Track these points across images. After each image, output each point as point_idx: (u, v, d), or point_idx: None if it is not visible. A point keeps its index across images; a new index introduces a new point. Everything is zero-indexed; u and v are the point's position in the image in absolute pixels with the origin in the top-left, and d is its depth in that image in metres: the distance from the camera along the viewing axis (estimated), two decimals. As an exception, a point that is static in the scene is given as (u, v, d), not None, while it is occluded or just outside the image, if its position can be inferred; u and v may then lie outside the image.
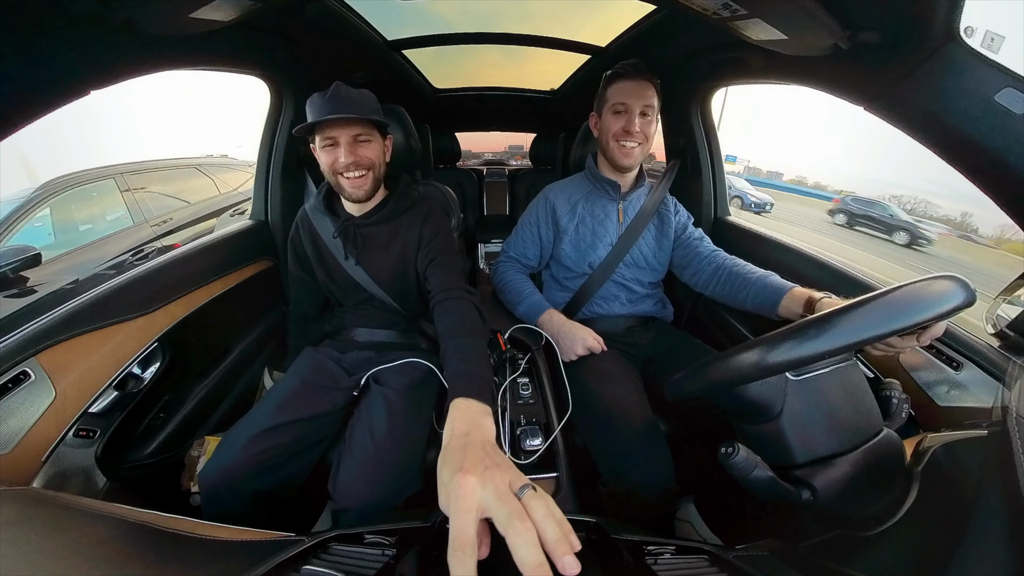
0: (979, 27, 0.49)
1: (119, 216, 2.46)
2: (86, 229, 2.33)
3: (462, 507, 0.35)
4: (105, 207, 2.43)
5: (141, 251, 2.48)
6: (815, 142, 79.21)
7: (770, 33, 0.69)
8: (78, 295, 0.79)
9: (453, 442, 0.44)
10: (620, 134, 0.97)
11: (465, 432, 0.46)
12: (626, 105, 0.95)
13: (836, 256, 1.02)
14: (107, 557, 0.39)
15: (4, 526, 0.40)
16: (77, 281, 2.09)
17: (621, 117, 0.96)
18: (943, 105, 0.55)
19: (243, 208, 3.47)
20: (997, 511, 0.37)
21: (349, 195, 0.88)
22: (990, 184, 0.56)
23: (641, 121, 0.95)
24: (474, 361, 0.63)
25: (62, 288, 2.03)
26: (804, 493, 0.45)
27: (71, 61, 0.58)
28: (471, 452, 0.42)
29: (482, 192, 2.46)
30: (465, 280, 0.88)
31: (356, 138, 0.82)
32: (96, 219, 2.39)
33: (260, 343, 1.24)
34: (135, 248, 2.46)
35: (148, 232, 2.57)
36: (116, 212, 2.46)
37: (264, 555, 0.40)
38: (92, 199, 2.39)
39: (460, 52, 1.65)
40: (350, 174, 0.84)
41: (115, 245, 2.37)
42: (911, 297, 0.40)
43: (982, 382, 0.61)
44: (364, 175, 0.85)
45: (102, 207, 2.42)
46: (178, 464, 0.90)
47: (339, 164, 0.82)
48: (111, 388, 0.80)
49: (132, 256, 2.40)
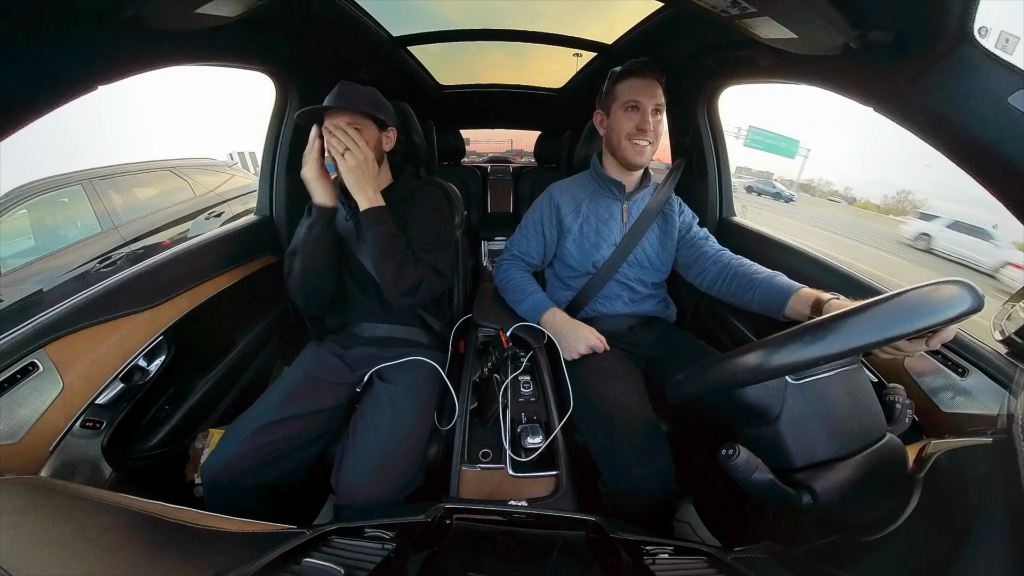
0: (994, 27, 0.48)
1: (88, 222, 2.42)
2: (53, 237, 2.29)
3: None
4: (74, 214, 2.38)
5: (108, 258, 2.40)
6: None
7: (779, 32, 0.68)
8: (78, 291, 0.80)
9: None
10: (633, 132, 0.95)
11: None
12: (639, 103, 0.94)
13: (841, 259, 1.01)
14: (112, 545, 0.40)
15: (13, 514, 0.41)
16: (41, 291, 2.03)
17: (634, 115, 0.95)
18: (955, 107, 0.54)
19: (218, 211, 3.33)
20: (1000, 520, 0.36)
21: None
22: (1001, 188, 0.55)
23: (653, 120, 0.95)
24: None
25: (25, 297, 1.96)
26: (804, 497, 0.44)
27: (78, 56, 0.59)
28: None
29: (486, 189, 2.46)
30: (443, 260, 0.97)
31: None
32: (62, 226, 2.36)
33: (264, 338, 1.25)
34: (102, 255, 2.38)
35: (115, 238, 2.51)
36: (85, 219, 2.41)
37: (266, 547, 0.40)
38: (61, 205, 2.36)
39: (465, 49, 1.65)
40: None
41: (82, 251, 2.33)
42: (918, 301, 0.40)
43: (988, 389, 0.61)
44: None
45: (71, 214, 2.38)
46: (183, 455, 0.91)
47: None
48: (117, 380, 0.81)
49: (99, 264, 2.33)
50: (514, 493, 0.72)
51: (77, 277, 2.22)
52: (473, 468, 0.73)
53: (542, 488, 0.72)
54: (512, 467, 0.72)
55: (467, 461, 0.74)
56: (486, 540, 0.48)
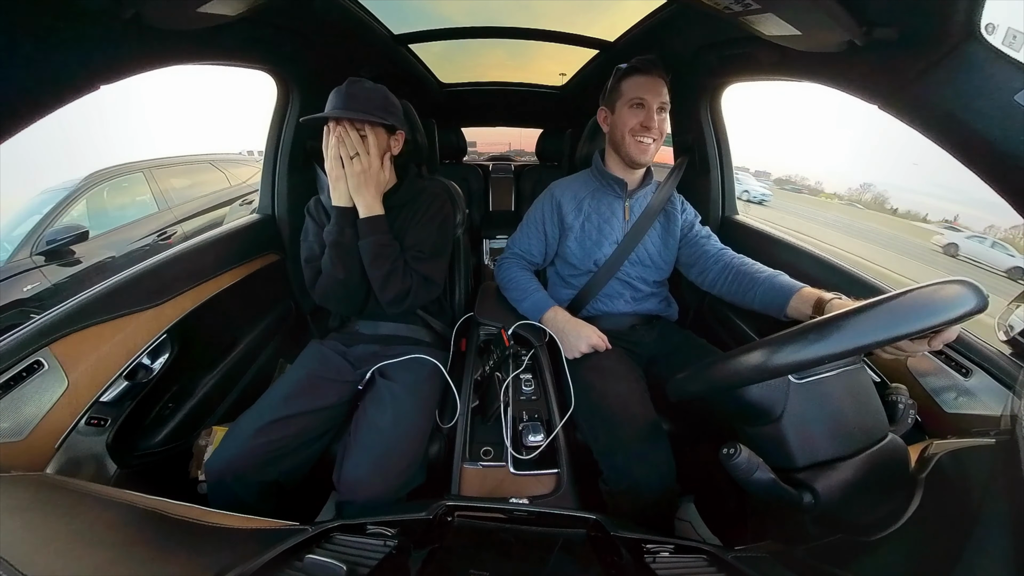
0: (1000, 24, 0.47)
1: (146, 202, 2.94)
2: (118, 214, 2.79)
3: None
4: (135, 195, 2.92)
5: (164, 232, 2.89)
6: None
7: (783, 28, 0.68)
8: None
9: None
10: (638, 129, 0.95)
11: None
12: (644, 100, 0.94)
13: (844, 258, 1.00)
14: (117, 541, 0.40)
15: (19, 510, 0.41)
16: (113, 257, 2.52)
17: (639, 112, 0.95)
18: (961, 105, 0.54)
19: (250, 198, 3.73)
20: (1002, 522, 0.36)
21: None
22: (1007, 187, 0.55)
23: (658, 117, 0.95)
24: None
25: (102, 261, 2.45)
26: (805, 496, 0.44)
27: (80, 56, 0.59)
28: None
29: (487, 188, 2.45)
30: (437, 269, 0.98)
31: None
32: (127, 206, 2.88)
33: (267, 336, 1.26)
34: (159, 231, 2.86)
35: (169, 217, 2.98)
36: (144, 199, 2.93)
37: (269, 543, 0.41)
38: (124, 189, 2.89)
39: (467, 48, 1.64)
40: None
41: (143, 228, 2.81)
42: (922, 301, 0.40)
43: (991, 389, 0.60)
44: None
45: (132, 195, 2.91)
46: (187, 453, 0.92)
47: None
48: (122, 378, 0.81)
49: (157, 237, 2.82)
50: (515, 491, 0.72)
51: (143, 247, 2.68)
52: (474, 466, 0.74)
53: (543, 486, 0.72)
54: (513, 465, 0.73)
55: (468, 459, 0.75)
56: (487, 537, 0.48)
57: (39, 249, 2.22)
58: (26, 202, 2.55)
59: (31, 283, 2.12)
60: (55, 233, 2.29)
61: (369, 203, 0.89)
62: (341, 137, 0.85)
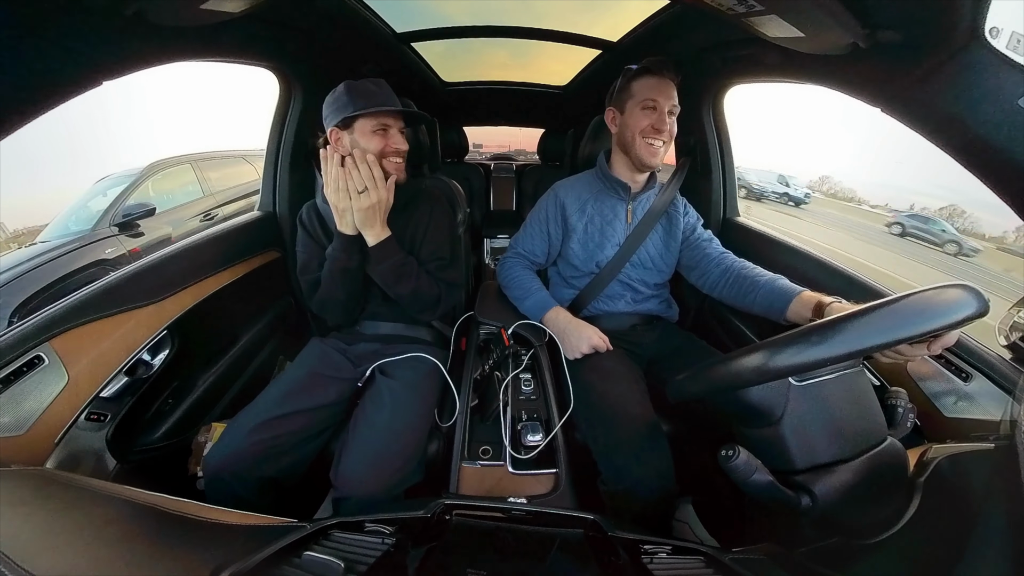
0: (1005, 28, 0.47)
1: (195, 189, 3.56)
2: (174, 197, 3.38)
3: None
4: (184, 182, 3.52)
5: (208, 214, 3.42)
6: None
7: (787, 30, 0.67)
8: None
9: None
10: (649, 131, 0.94)
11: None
12: (656, 102, 0.93)
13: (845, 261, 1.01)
14: (116, 536, 0.40)
15: (18, 504, 0.41)
16: (171, 233, 3.03)
17: (651, 114, 0.94)
18: (964, 108, 0.54)
19: None
20: (1000, 527, 0.36)
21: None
22: (1010, 192, 0.55)
23: (669, 120, 0.94)
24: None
25: (159, 236, 2.93)
26: (804, 499, 0.44)
27: (82, 52, 0.59)
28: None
29: (489, 187, 2.45)
30: (458, 271, 0.97)
31: (401, 128, 0.89)
32: (177, 191, 3.47)
33: (267, 333, 1.26)
34: (204, 212, 3.41)
35: (212, 202, 3.57)
36: (191, 187, 3.54)
37: (267, 539, 0.41)
38: (176, 176, 3.48)
39: (469, 47, 1.64)
40: (396, 159, 0.90)
41: (192, 209, 3.39)
42: (921, 305, 0.40)
43: (991, 394, 0.60)
44: (403, 161, 0.92)
45: (183, 182, 3.51)
46: (186, 449, 0.92)
47: (389, 148, 0.88)
48: (122, 374, 0.82)
49: (202, 218, 3.36)
50: (513, 490, 0.72)
51: (196, 226, 3.18)
52: (473, 465, 0.74)
53: (541, 486, 0.72)
54: (512, 464, 0.73)
55: (467, 458, 0.75)
56: (485, 536, 0.48)
57: (115, 221, 2.74)
58: (88, 187, 3.12)
59: (110, 247, 2.62)
60: (129, 208, 2.80)
61: (378, 231, 0.86)
62: (355, 164, 0.81)
